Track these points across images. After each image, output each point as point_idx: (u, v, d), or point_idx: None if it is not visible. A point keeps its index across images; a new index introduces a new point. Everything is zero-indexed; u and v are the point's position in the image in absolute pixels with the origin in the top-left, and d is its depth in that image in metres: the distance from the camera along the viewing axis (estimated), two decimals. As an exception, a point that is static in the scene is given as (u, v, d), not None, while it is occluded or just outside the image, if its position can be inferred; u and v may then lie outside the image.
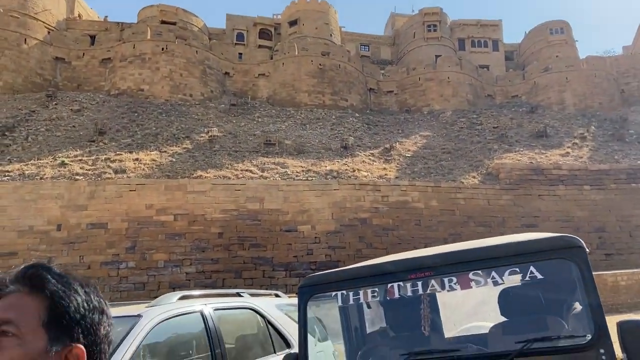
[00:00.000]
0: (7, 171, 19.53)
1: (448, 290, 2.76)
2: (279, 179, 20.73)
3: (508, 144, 26.38)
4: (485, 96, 34.93)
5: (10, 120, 23.54)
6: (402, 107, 33.40)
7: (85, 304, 0.94)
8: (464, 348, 2.69)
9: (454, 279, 2.73)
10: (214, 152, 22.69)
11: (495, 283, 2.65)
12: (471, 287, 2.77)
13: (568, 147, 26.06)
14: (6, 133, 22.60)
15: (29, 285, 0.93)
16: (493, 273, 2.59)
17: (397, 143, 25.76)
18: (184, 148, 22.93)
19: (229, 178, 20.40)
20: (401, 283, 2.88)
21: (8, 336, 0.88)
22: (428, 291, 2.80)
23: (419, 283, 2.79)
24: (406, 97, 33.91)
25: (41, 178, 19.21)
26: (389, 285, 2.92)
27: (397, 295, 2.90)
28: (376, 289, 3.00)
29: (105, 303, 0.99)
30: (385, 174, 22.12)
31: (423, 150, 25.52)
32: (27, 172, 19.60)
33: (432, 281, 2.76)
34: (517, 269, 2.60)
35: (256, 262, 18.74)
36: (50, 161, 20.51)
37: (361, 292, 3.01)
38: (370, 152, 24.62)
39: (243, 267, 18.58)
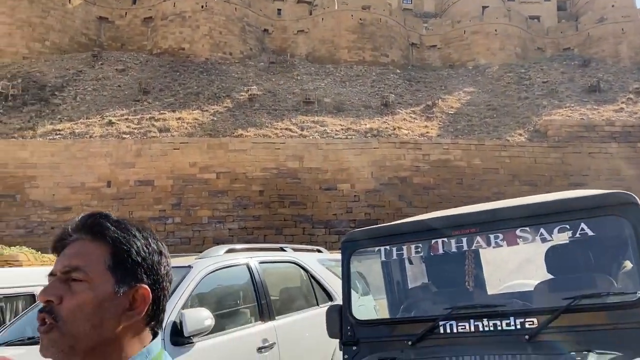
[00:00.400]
0: (59, 130, 20.30)
1: (493, 247, 2.74)
2: (318, 137, 20.73)
3: (558, 100, 25.33)
4: (535, 49, 33.35)
5: (59, 80, 24.27)
6: (446, 62, 32.36)
7: (145, 247, 0.98)
8: (509, 303, 2.69)
9: (500, 236, 2.70)
10: (253, 111, 22.83)
11: (544, 240, 2.61)
12: (518, 244, 2.73)
13: (622, 103, 24.79)
14: (56, 93, 23.36)
15: (91, 233, 0.97)
16: (541, 230, 2.54)
17: (440, 100, 25.15)
18: (225, 107, 23.15)
19: (269, 137, 20.56)
20: (445, 239, 2.87)
21: (78, 281, 0.92)
22: (473, 247, 2.78)
23: (464, 239, 2.78)
24: (450, 52, 32.79)
25: (90, 137, 19.90)
26: (433, 241, 2.92)
27: (440, 251, 2.90)
28: (420, 245, 3.01)
29: (163, 245, 1.03)
30: (427, 132, 21.75)
31: (467, 107, 24.85)
32: (77, 130, 20.32)
33: (478, 238, 2.74)
34: (567, 226, 2.54)
35: (296, 220, 19.06)
36: (99, 120, 21.16)
37: (404, 248, 3.02)
38: (412, 109, 24.17)
39: (283, 224, 18.95)
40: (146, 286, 0.96)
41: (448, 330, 2.59)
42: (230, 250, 4.52)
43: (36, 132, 20.11)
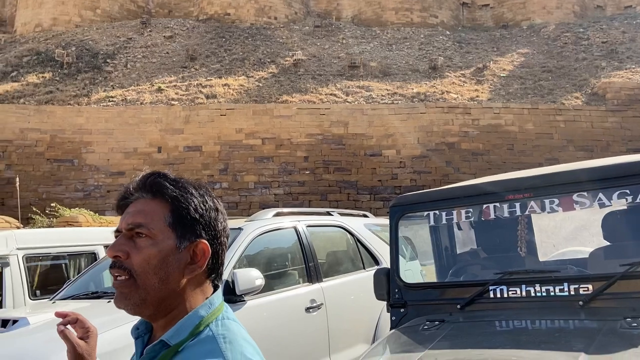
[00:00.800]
0: (112, 97, 20.95)
1: (548, 212, 2.67)
2: (364, 102, 20.48)
3: (618, 61, 23.87)
4: (594, 7, 31.33)
5: (110, 48, 24.89)
6: (499, 22, 30.92)
7: (202, 204, 1.02)
8: (563, 269, 2.64)
9: (556, 201, 2.63)
10: (298, 77, 22.73)
11: (602, 205, 2.52)
12: (574, 209, 2.65)
13: (689, 64, 23.11)
14: (108, 60, 24.00)
15: (151, 192, 1.01)
16: (600, 195, 2.45)
17: (491, 62, 24.20)
18: (270, 72, 23.16)
19: (314, 102, 20.49)
20: (497, 204, 2.82)
21: (142, 237, 0.97)
22: (526, 212, 2.72)
23: (517, 204, 2.72)
24: (503, 11, 31.28)
25: (141, 103, 20.44)
26: (484, 206, 2.88)
27: (492, 216, 2.86)
28: (470, 210, 2.97)
29: (219, 202, 1.07)
30: (477, 96, 21.07)
31: (520, 69, 23.82)
32: (128, 97, 20.90)
33: (532, 203, 2.67)
34: (628, 191, 2.44)
35: (341, 186, 19.11)
36: (148, 87, 21.66)
37: (454, 212, 2.99)
38: (461, 72, 23.41)
39: (328, 190, 19.05)
40: (205, 241, 1.00)
41: (498, 295, 2.58)
42: (278, 214, 4.61)
43: (90, 99, 20.83)
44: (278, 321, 3.80)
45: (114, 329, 2.83)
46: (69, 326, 1.15)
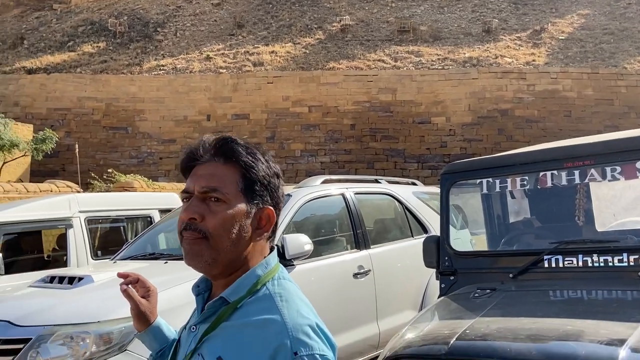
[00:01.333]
0: (162, 65, 21.37)
1: (609, 181, 2.56)
2: (413, 68, 19.99)
3: (688, 21, 22.14)
4: (666, -38, 28.98)
5: (160, 17, 25.26)
6: (557, -18, 29.20)
7: (268, 170, 1.05)
8: (622, 239, 2.54)
9: (618, 169, 2.52)
10: (345, 42, 22.38)
11: (668, 174, 2.39)
12: (637, 177, 2.53)
13: None
14: (158, 29, 24.40)
15: (224, 157, 1.03)
16: (667, 162, 2.33)
17: (549, 24, 22.96)
18: (317, 39, 22.90)
19: (361, 69, 20.18)
20: (555, 172, 2.73)
21: (216, 202, 1.00)
22: (586, 181, 2.62)
23: (576, 172, 2.62)
24: (562, -30, 29.47)
25: (190, 71, 20.77)
26: (541, 173, 2.79)
27: (549, 184, 2.77)
28: (526, 177, 2.89)
29: (278, 168, 1.10)
30: (533, 60, 20.13)
31: (580, 31, 22.51)
32: (178, 66, 21.27)
33: (592, 170, 2.57)
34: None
35: (388, 154, 18.93)
36: (197, 55, 21.94)
37: (509, 180, 2.92)
38: (517, 35, 22.35)
39: (375, 158, 18.92)
40: (271, 207, 1.04)
41: (553, 265, 2.52)
42: (326, 181, 4.64)
43: (142, 67, 21.34)
44: (326, 286, 3.86)
45: (173, 287, 2.97)
46: (130, 286, 1.21)
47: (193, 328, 1.04)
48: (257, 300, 0.99)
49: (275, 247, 1.12)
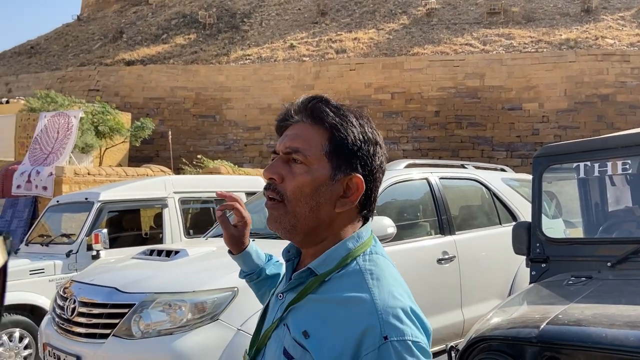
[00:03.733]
0: (248, 55, 22.04)
1: None
2: (503, 52, 19.07)
3: None
4: None
5: (246, 7, 26.01)
6: (669, -46, 26.46)
7: (361, 136, 0.97)
8: None
9: None
10: (431, 27, 21.78)
11: None
12: None
13: None
14: (244, 20, 25.16)
15: (311, 117, 0.97)
16: None
17: (657, 1, 20.94)
18: (401, 24, 22.49)
19: (447, 54, 19.57)
20: (663, 155, 2.52)
21: (297, 163, 0.95)
22: (700, 164, 2.40)
23: (689, 155, 2.41)
24: (676, -61, 26.63)
25: (275, 60, 21.24)
26: (647, 156, 2.59)
27: (656, 168, 2.56)
28: (628, 161, 2.70)
29: (379, 135, 1.02)
30: (638, 41, 18.47)
31: (695, 7, 20.31)
32: (263, 55, 21.83)
33: None
34: None
35: (474, 142, 18.28)
36: (281, 44, 22.38)
37: (609, 164, 2.74)
38: (620, 14, 20.59)
39: (460, 147, 18.35)
40: (360, 176, 0.96)
41: (658, 254, 2.34)
42: (410, 165, 4.59)
43: (229, 57, 22.14)
44: (409, 270, 3.83)
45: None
46: (226, 212, 1.27)
47: (280, 295, 1.01)
48: (346, 275, 0.93)
49: (370, 220, 1.03)
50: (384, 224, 3.52)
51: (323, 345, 0.86)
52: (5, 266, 0.62)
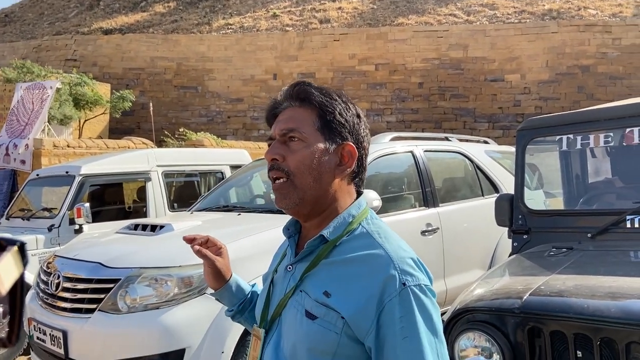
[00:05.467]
0: (230, 24, 21.59)
1: None
2: (487, 22, 18.99)
3: None
4: None
5: (227, -24, 25.33)
6: None
7: (345, 110, 1.08)
8: None
9: None
10: (416, -4, 21.52)
11: None
12: None
13: None
14: (226, -12, 24.53)
15: (299, 100, 1.08)
16: None
17: (640, -29, 20.93)
18: (386, -7, 22.17)
19: (431, 24, 19.41)
20: (644, 128, 2.56)
21: (295, 141, 1.05)
22: (680, 137, 2.45)
23: (669, 128, 2.45)
24: None
25: (257, 30, 20.86)
26: (628, 130, 2.63)
27: (636, 140, 2.61)
28: (610, 134, 2.73)
29: (359, 109, 1.13)
30: (620, 12, 18.52)
31: (677, -22, 20.36)
32: (245, 24, 21.40)
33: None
34: None
35: (457, 113, 18.34)
36: (264, 13, 21.94)
37: (591, 137, 2.78)
38: (602, -15, 20.57)
39: (443, 118, 18.41)
40: (351, 143, 1.07)
41: (636, 225, 2.41)
42: (395, 138, 4.60)
43: (211, 27, 21.67)
44: (393, 242, 3.88)
45: (246, 237, 3.11)
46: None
47: (289, 268, 1.08)
48: (355, 237, 1.03)
49: (363, 192, 1.15)
50: (370, 197, 3.54)
51: (347, 300, 0.95)
52: (22, 277, 0.60)
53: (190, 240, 1.25)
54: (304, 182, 1.03)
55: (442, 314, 2.27)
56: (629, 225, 2.42)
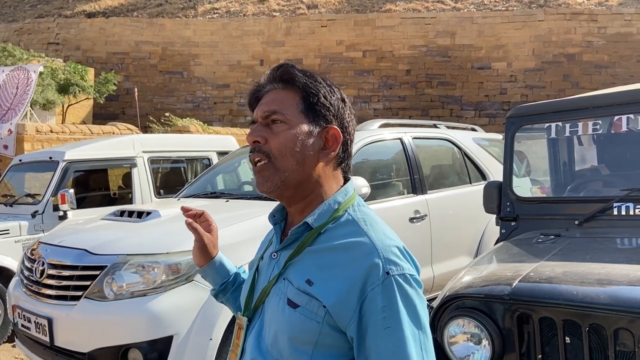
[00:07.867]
0: (216, 9, 21.29)
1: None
2: (474, 10, 18.98)
3: None
4: None
5: (213, -41, 24.91)
6: None
7: (329, 93, 1.05)
8: None
9: None
10: (404, -18, 21.40)
11: None
12: None
13: None
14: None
15: (282, 82, 1.05)
16: None
17: (627, -40, 21.03)
18: (374, -21, 22.00)
19: (419, 11, 19.35)
20: (631, 115, 2.58)
21: (277, 123, 1.02)
22: (667, 125, 2.47)
23: (657, 116, 2.46)
24: None
25: (244, 15, 20.60)
26: (616, 117, 2.65)
27: (624, 128, 2.63)
28: (599, 122, 2.75)
29: (344, 94, 1.10)
30: (606, 1, 18.64)
31: (662, -33, 20.50)
32: (232, 9, 21.12)
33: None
34: None
35: (444, 101, 18.39)
36: (251, -2, 21.65)
37: (580, 124, 2.79)
38: (589, -27, 20.64)
39: (430, 105, 18.45)
40: (335, 127, 1.04)
41: (623, 212, 2.43)
42: (384, 125, 4.58)
43: (197, 11, 21.34)
44: (382, 228, 3.89)
45: (235, 224, 3.08)
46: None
47: (274, 255, 1.06)
48: (341, 225, 1.00)
49: (350, 178, 1.11)
50: (358, 184, 3.54)
51: (329, 289, 0.92)
52: None
53: (186, 211, 1.25)
54: (285, 164, 1.00)
55: (431, 300, 2.28)
56: (615, 212, 2.44)
